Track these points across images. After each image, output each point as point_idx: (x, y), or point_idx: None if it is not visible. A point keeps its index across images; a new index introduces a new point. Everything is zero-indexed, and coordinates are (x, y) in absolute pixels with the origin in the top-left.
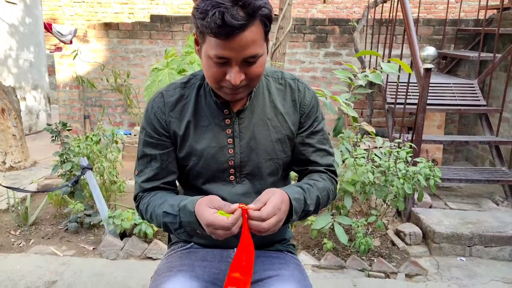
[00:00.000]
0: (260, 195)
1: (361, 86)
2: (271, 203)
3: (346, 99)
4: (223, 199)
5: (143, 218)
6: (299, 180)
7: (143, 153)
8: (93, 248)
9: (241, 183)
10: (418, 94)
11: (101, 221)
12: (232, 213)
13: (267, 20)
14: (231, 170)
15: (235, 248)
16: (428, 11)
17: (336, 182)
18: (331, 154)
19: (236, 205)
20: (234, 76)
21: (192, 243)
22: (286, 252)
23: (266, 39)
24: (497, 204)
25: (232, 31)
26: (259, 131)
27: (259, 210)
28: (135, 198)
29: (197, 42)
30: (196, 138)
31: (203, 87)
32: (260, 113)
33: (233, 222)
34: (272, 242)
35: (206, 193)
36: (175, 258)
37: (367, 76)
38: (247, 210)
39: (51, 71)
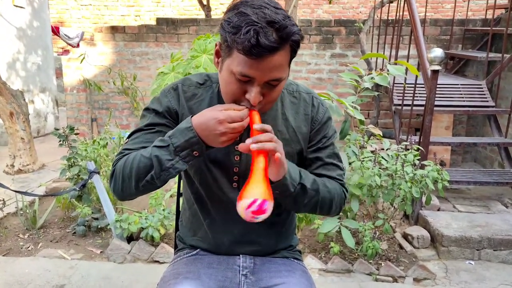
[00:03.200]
0: None
1: (367, 88)
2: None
3: (352, 102)
4: (227, 204)
5: (115, 185)
6: None
7: (145, 126)
8: (101, 252)
9: None
10: (425, 95)
11: (108, 224)
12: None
13: (296, 47)
14: (235, 177)
15: (240, 255)
16: (435, 10)
17: (345, 192)
18: (341, 168)
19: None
20: (254, 96)
21: (198, 249)
22: (292, 259)
23: (290, 64)
24: (506, 207)
25: (264, 52)
26: None
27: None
28: (112, 165)
29: (218, 54)
30: None
31: (217, 90)
32: (271, 124)
33: (246, 113)
34: (279, 249)
35: (209, 197)
36: (181, 265)
37: (374, 79)
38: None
39: (59, 74)
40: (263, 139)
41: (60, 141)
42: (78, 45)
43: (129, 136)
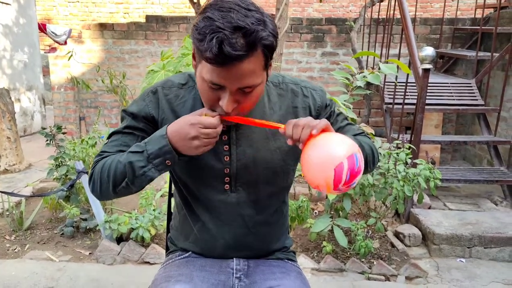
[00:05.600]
0: (258, 201)
1: (359, 87)
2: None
3: (345, 101)
4: (218, 207)
5: (93, 187)
6: None
7: (123, 129)
8: (90, 253)
9: (236, 191)
10: (416, 94)
11: (97, 225)
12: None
13: (269, 51)
14: (226, 178)
15: (234, 258)
16: (424, 10)
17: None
18: (353, 124)
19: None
20: (227, 103)
21: (190, 252)
22: (286, 260)
23: (267, 68)
24: (496, 204)
25: (229, 60)
26: (257, 138)
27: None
28: (92, 167)
29: (194, 57)
30: None
31: None
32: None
33: (219, 120)
34: (272, 251)
35: (199, 201)
36: (173, 267)
37: (366, 77)
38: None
39: (46, 72)
40: (313, 124)
41: (47, 140)
42: (65, 43)
43: (108, 137)
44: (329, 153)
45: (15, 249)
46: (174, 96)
